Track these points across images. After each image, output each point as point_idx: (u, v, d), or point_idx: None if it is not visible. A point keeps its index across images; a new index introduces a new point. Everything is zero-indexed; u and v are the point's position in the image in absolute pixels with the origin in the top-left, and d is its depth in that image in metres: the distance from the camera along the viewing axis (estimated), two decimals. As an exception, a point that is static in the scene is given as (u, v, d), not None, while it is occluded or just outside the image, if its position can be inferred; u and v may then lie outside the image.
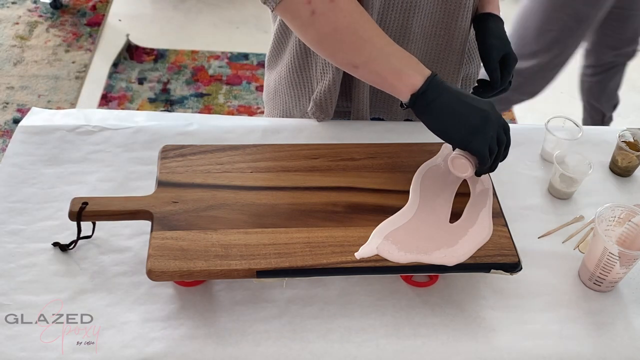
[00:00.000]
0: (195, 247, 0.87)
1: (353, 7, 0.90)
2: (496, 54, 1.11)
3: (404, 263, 0.87)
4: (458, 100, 0.90)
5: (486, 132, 0.89)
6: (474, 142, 0.89)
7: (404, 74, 0.90)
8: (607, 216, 0.94)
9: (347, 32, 0.90)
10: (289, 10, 0.91)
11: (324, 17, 0.90)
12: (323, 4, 0.89)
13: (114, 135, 1.13)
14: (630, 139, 1.13)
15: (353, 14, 0.90)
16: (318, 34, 0.92)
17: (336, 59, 0.95)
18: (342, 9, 0.89)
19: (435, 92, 0.89)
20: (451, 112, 0.89)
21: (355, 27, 0.90)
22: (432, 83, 0.89)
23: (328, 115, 1.18)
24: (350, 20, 0.90)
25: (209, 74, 2.72)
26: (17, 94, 2.53)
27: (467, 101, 0.90)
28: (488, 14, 1.14)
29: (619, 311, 0.93)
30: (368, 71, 0.93)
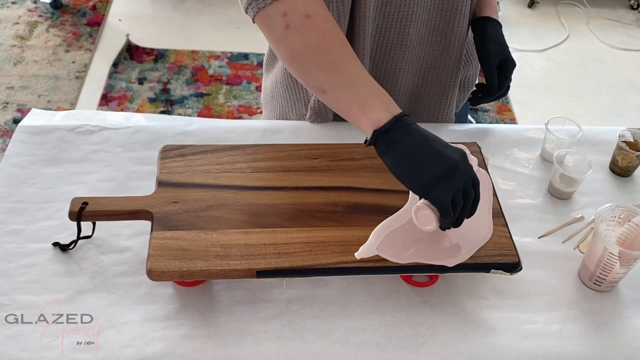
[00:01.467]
0: (195, 247, 0.87)
1: (329, 28, 0.85)
2: (494, 60, 1.11)
3: (404, 263, 0.87)
4: (425, 145, 0.82)
5: (451, 182, 0.81)
6: (435, 192, 0.81)
7: (369, 106, 0.83)
8: (607, 216, 0.94)
9: (318, 53, 0.85)
10: (266, 21, 0.87)
11: (297, 33, 0.85)
12: (298, 18, 0.84)
13: (114, 135, 1.13)
14: (630, 139, 1.13)
15: (327, 35, 0.85)
16: (289, 50, 0.86)
17: (305, 79, 0.89)
18: (316, 27, 0.84)
19: (400, 132, 0.82)
20: (414, 156, 0.81)
21: (327, 48, 0.85)
22: (399, 122, 0.82)
23: (327, 120, 1.18)
24: (323, 40, 0.85)
25: (209, 74, 2.72)
26: (17, 94, 2.53)
27: (435, 147, 0.82)
28: (486, 17, 1.13)
29: (619, 311, 0.93)
30: (334, 98, 0.87)
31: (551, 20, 3.19)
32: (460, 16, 1.08)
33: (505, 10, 3.22)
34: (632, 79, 2.88)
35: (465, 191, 0.82)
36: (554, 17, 3.21)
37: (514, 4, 3.29)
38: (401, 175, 0.83)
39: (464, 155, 0.84)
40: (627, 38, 3.11)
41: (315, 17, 0.85)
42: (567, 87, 2.81)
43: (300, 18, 0.84)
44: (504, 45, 1.13)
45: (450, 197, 0.81)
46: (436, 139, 0.84)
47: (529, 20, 3.19)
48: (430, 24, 1.09)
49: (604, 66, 2.94)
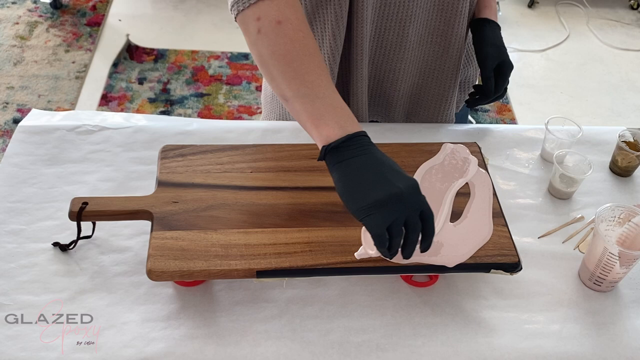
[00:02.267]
0: (195, 247, 0.87)
1: (298, 37, 0.85)
2: (491, 63, 1.11)
3: (404, 263, 0.87)
4: (372, 168, 0.79)
5: (389, 211, 0.77)
6: (369, 218, 0.78)
7: (322, 121, 0.82)
8: (607, 216, 0.94)
9: (282, 61, 0.85)
10: (243, 24, 0.87)
11: (266, 38, 0.85)
12: (269, 24, 0.84)
13: (114, 135, 1.13)
14: (630, 139, 1.13)
15: (295, 43, 0.84)
16: (259, 55, 0.86)
17: (271, 85, 0.89)
18: (285, 34, 0.84)
19: (350, 151, 0.80)
20: (358, 177, 0.79)
21: (292, 57, 0.84)
22: (352, 142, 0.80)
23: None
24: (289, 48, 0.84)
25: (209, 74, 2.72)
26: (17, 94, 2.53)
27: (383, 172, 0.79)
28: (485, 19, 1.13)
29: (619, 311, 0.93)
30: (294, 108, 0.86)
31: (551, 20, 3.19)
32: (460, 17, 1.08)
33: (505, 10, 3.22)
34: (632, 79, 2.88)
35: (408, 223, 0.79)
36: (554, 17, 3.21)
37: (514, 4, 3.29)
38: (342, 195, 0.81)
39: (415, 186, 0.80)
40: (627, 38, 3.11)
41: (286, 24, 0.85)
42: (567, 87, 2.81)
43: (271, 24, 0.84)
44: (502, 48, 1.13)
45: (384, 226, 0.77)
46: (389, 165, 0.81)
47: (529, 20, 3.19)
48: (430, 25, 1.09)
49: (604, 66, 2.94)
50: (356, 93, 1.13)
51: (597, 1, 3.29)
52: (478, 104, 1.16)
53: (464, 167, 1.02)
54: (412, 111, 1.23)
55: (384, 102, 1.20)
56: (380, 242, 0.78)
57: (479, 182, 1.00)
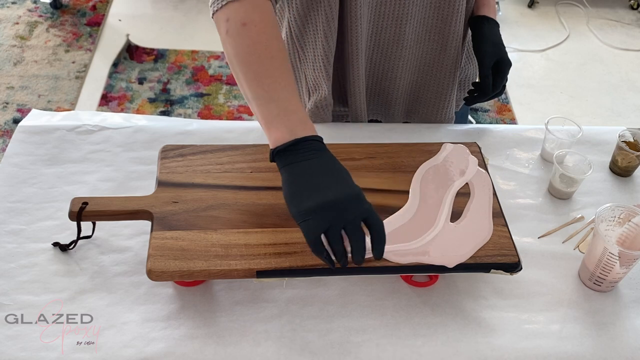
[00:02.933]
0: (195, 247, 0.87)
1: (261, 39, 0.86)
2: (489, 61, 1.11)
3: (404, 263, 0.87)
4: (314, 175, 0.80)
5: (324, 218, 0.77)
6: (305, 224, 0.78)
7: (273, 125, 0.84)
8: (607, 216, 0.94)
9: (243, 62, 0.86)
10: (216, 24, 0.89)
11: (232, 40, 0.87)
12: (235, 25, 0.86)
13: (114, 135, 1.13)
14: (630, 139, 1.13)
15: (257, 45, 0.86)
16: (227, 55, 0.89)
17: (239, 85, 0.90)
18: (249, 36, 0.86)
19: (295, 156, 0.81)
20: (300, 182, 0.80)
21: (252, 60, 0.86)
22: (299, 147, 0.81)
23: (326, 121, 1.18)
24: (250, 51, 0.86)
25: (209, 73, 2.72)
26: (17, 94, 2.53)
27: (323, 180, 0.80)
28: (483, 17, 1.13)
29: (619, 311, 0.93)
30: (252, 109, 0.87)
31: (551, 20, 3.19)
32: (457, 15, 1.08)
33: (505, 10, 3.22)
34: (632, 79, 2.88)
35: (347, 231, 0.78)
36: (554, 17, 3.21)
37: (514, 4, 3.29)
38: (284, 197, 0.82)
39: (355, 194, 0.80)
40: (627, 38, 3.11)
41: (251, 26, 0.86)
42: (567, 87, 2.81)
43: (237, 25, 0.86)
44: (500, 45, 1.13)
45: (318, 233, 0.78)
46: (333, 171, 0.81)
47: (529, 20, 3.19)
48: (427, 23, 1.09)
49: (604, 66, 2.94)
50: (354, 93, 1.13)
51: (597, 1, 3.29)
52: (476, 101, 1.16)
53: (464, 167, 1.02)
54: (411, 109, 1.23)
55: (384, 100, 1.20)
56: (315, 249, 0.79)
57: (479, 182, 1.00)
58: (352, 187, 0.81)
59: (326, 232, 0.78)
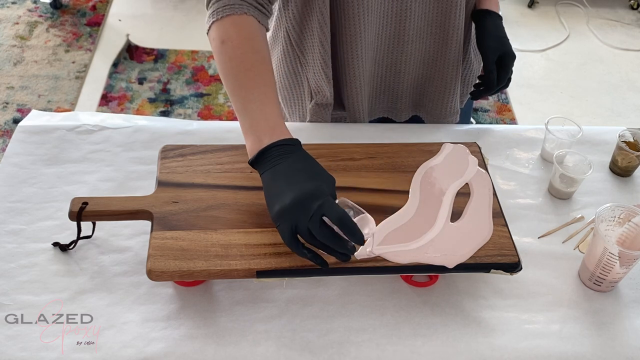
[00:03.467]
0: (195, 247, 0.87)
1: (236, 54, 0.90)
2: (492, 54, 1.11)
3: (404, 263, 0.87)
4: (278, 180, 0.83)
5: (287, 221, 0.80)
6: (279, 228, 0.82)
7: (246, 136, 0.88)
8: (607, 216, 0.94)
9: (225, 77, 0.91)
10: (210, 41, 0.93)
11: (216, 57, 0.92)
12: (217, 44, 0.91)
13: (114, 135, 1.13)
14: (630, 139, 1.13)
15: (232, 61, 0.90)
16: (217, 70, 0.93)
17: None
18: (225, 53, 0.90)
19: (265, 164, 0.84)
20: (269, 189, 0.84)
21: (230, 74, 0.90)
22: (267, 155, 0.84)
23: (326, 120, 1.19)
24: (229, 66, 0.90)
25: (209, 74, 2.72)
26: (17, 94, 2.53)
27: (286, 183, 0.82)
28: (486, 11, 1.13)
29: (619, 311, 0.93)
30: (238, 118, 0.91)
31: (551, 20, 3.19)
32: (457, 8, 1.08)
33: (505, 10, 3.22)
34: (632, 79, 2.88)
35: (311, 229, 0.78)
36: (554, 17, 3.21)
37: (514, 4, 3.29)
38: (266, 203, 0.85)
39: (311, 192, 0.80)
40: (627, 38, 3.11)
41: (227, 43, 0.90)
42: (567, 87, 2.81)
43: (217, 44, 0.91)
44: (504, 39, 1.13)
45: (289, 235, 0.80)
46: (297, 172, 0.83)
47: (529, 20, 3.19)
48: (428, 17, 1.10)
49: (604, 66, 2.94)
50: (351, 95, 1.14)
51: (597, 1, 3.29)
52: (482, 95, 1.16)
53: (464, 167, 1.02)
54: (418, 103, 1.23)
55: (390, 96, 1.20)
56: (293, 248, 0.81)
57: (479, 182, 1.00)
58: (312, 183, 0.81)
59: (296, 233, 0.80)
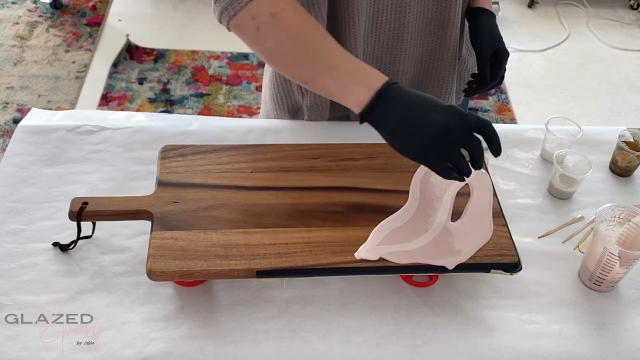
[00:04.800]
0: (195, 247, 0.87)
1: (297, 22, 0.87)
2: (486, 51, 1.11)
3: (404, 263, 0.87)
4: (411, 112, 0.81)
5: (443, 146, 0.81)
6: (428, 158, 0.82)
7: (349, 90, 0.84)
8: (607, 216, 0.94)
9: (292, 47, 0.87)
10: (238, 27, 0.89)
11: (268, 33, 0.87)
12: (266, 19, 0.87)
13: (114, 135, 1.13)
14: (630, 139, 1.13)
15: (297, 28, 0.87)
16: (265, 50, 0.89)
17: (287, 73, 0.92)
18: (284, 23, 0.87)
19: (384, 106, 0.82)
20: (403, 126, 0.81)
21: (298, 41, 0.87)
22: (381, 97, 0.82)
23: (323, 117, 1.18)
24: (292, 35, 0.87)
25: (209, 74, 2.72)
26: (17, 94, 2.53)
27: (422, 112, 0.81)
28: (479, 8, 1.13)
29: (619, 311, 0.93)
30: (318, 87, 0.89)
31: (551, 20, 3.19)
32: (455, 6, 1.08)
33: (505, 10, 3.22)
34: (632, 79, 2.88)
35: (466, 146, 0.82)
36: (554, 17, 3.21)
37: (514, 4, 3.29)
38: (395, 146, 0.84)
39: (456, 112, 0.81)
40: (627, 38, 3.11)
41: (282, 14, 0.87)
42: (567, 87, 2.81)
43: (267, 18, 0.87)
44: (497, 36, 1.13)
45: (444, 161, 0.82)
46: (424, 102, 0.83)
47: (529, 20, 3.19)
48: (427, 15, 1.10)
49: (604, 66, 2.94)
50: None
51: (597, 1, 3.29)
52: (475, 92, 1.16)
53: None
54: None
55: None
56: (446, 175, 0.82)
57: (479, 182, 1.00)
58: (448, 107, 0.82)
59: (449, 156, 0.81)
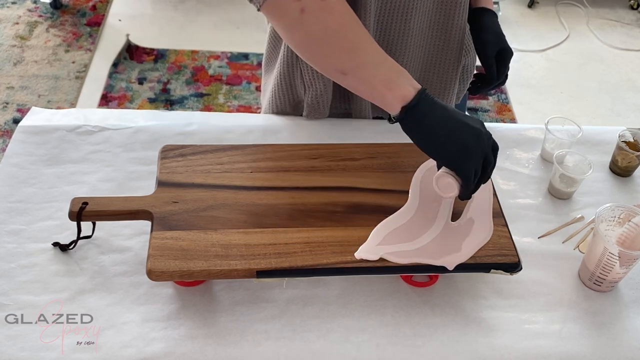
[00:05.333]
0: (195, 247, 0.87)
1: (345, 10, 0.86)
2: (491, 50, 1.11)
3: (403, 263, 0.87)
4: (450, 117, 0.84)
5: (476, 152, 0.84)
6: (462, 162, 0.84)
7: (394, 83, 0.84)
8: (607, 216, 0.94)
9: (338, 35, 0.85)
10: (277, 8, 0.85)
11: (313, 16, 0.84)
12: (314, 2, 0.83)
13: (114, 135, 1.13)
14: (630, 139, 1.13)
15: (344, 16, 0.85)
16: (306, 35, 0.86)
17: (324, 64, 0.89)
18: (333, 9, 0.84)
19: (427, 106, 0.84)
20: (443, 128, 0.84)
21: (346, 29, 0.85)
22: (423, 97, 0.84)
23: (323, 115, 1.18)
24: (341, 22, 0.85)
25: (209, 74, 2.72)
26: (17, 94, 2.53)
27: (459, 118, 0.85)
28: (482, 8, 1.14)
29: (619, 311, 0.93)
30: (357, 79, 0.87)
31: (551, 20, 3.19)
32: (460, 8, 1.08)
33: (505, 10, 3.22)
34: (632, 79, 2.88)
35: (487, 159, 0.85)
36: (554, 17, 3.21)
37: (514, 4, 3.29)
38: (428, 147, 0.86)
39: (483, 123, 0.87)
40: (627, 38, 3.11)
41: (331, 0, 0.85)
42: (567, 87, 2.81)
43: (315, 1, 0.84)
44: (501, 35, 1.14)
45: (474, 168, 0.84)
46: (456, 110, 0.86)
47: (529, 20, 3.19)
48: (431, 18, 1.10)
49: (604, 66, 2.94)
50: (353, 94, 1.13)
51: (597, 1, 3.29)
52: (480, 91, 1.16)
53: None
54: None
55: None
56: (469, 183, 0.85)
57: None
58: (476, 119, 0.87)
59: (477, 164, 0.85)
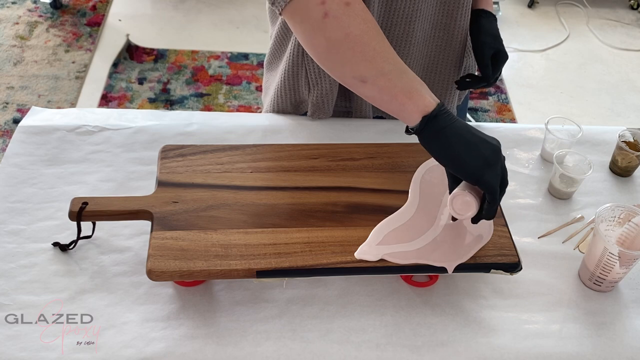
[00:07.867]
0: (195, 247, 0.87)
1: (368, 16, 0.85)
2: (488, 51, 1.12)
3: (403, 263, 0.87)
4: (470, 132, 0.83)
5: (497, 166, 0.83)
6: (486, 175, 0.82)
7: (416, 93, 0.83)
8: (607, 216, 0.94)
9: (360, 41, 0.83)
10: (299, 11, 0.84)
11: (336, 21, 0.83)
12: (338, 6, 0.82)
13: (114, 135, 1.13)
14: (630, 139, 1.13)
15: (367, 23, 0.84)
16: (328, 40, 0.84)
17: (343, 70, 0.87)
18: (357, 15, 0.83)
19: (446, 119, 0.83)
20: (464, 141, 0.82)
21: (368, 36, 0.84)
22: (443, 109, 0.83)
23: (327, 115, 1.18)
24: (364, 28, 0.84)
25: (209, 74, 2.72)
26: (17, 94, 2.53)
27: (479, 134, 0.84)
28: (481, 10, 1.14)
29: (619, 311, 0.93)
30: (377, 87, 0.85)
31: (551, 20, 3.19)
32: (463, 10, 1.08)
33: (505, 10, 3.22)
34: (632, 79, 2.88)
35: (503, 177, 0.85)
36: (554, 17, 3.21)
37: (514, 4, 3.29)
38: (452, 160, 0.83)
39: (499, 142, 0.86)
40: (627, 38, 3.11)
41: (355, 5, 0.84)
42: (567, 87, 2.81)
43: (339, 6, 0.83)
44: (498, 38, 1.14)
45: (499, 180, 0.83)
46: (475, 127, 0.86)
47: (529, 20, 3.19)
48: (434, 20, 1.10)
49: (604, 66, 2.94)
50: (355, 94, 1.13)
51: (597, 1, 3.29)
52: (469, 87, 1.16)
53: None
54: None
55: None
56: (495, 196, 0.83)
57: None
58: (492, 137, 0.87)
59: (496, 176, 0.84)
